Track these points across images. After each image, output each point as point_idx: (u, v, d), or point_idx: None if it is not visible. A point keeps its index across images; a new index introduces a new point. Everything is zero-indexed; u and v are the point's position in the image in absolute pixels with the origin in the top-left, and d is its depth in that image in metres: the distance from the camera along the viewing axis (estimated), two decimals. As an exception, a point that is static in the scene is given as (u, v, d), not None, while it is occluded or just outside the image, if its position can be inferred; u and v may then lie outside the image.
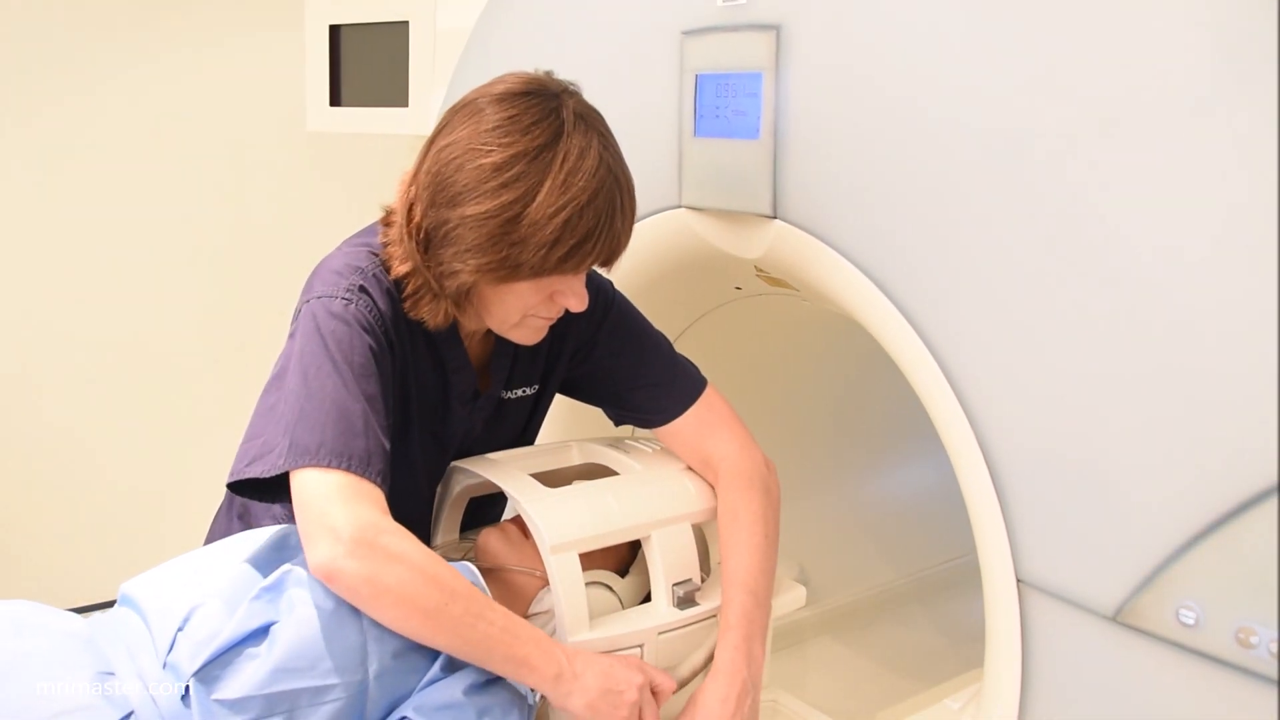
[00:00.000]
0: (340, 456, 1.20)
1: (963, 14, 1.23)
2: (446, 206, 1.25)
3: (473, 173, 1.23)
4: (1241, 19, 1.01)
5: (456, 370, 1.43)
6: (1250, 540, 1.01)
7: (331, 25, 2.32)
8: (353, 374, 1.24)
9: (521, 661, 1.20)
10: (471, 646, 1.19)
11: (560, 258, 1.25)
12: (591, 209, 1.24)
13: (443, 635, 1.19)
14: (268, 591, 1.21)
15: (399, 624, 1.18)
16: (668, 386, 1.52)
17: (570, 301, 1.33)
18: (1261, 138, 0.99)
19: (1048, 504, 1.19)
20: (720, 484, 1.47)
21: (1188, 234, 1.04)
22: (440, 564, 1.20)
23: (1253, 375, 1.00)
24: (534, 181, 1.22)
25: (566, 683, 1.22)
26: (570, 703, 1.22)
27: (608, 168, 1.27)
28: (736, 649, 1.35)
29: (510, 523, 1.49)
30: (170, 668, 1.16)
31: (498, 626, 1.20)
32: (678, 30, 1.57)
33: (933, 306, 1.29)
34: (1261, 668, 1.01)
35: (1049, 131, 1.15)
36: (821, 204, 1.41)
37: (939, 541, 2.33)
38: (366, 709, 1.19)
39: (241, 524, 1.52)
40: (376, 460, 1.22)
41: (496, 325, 1.36)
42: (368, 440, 1.22)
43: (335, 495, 1.18)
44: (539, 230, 1.23)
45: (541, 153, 1.23)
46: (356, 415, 1.22)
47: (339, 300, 1.28)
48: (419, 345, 1.39)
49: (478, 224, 1.23)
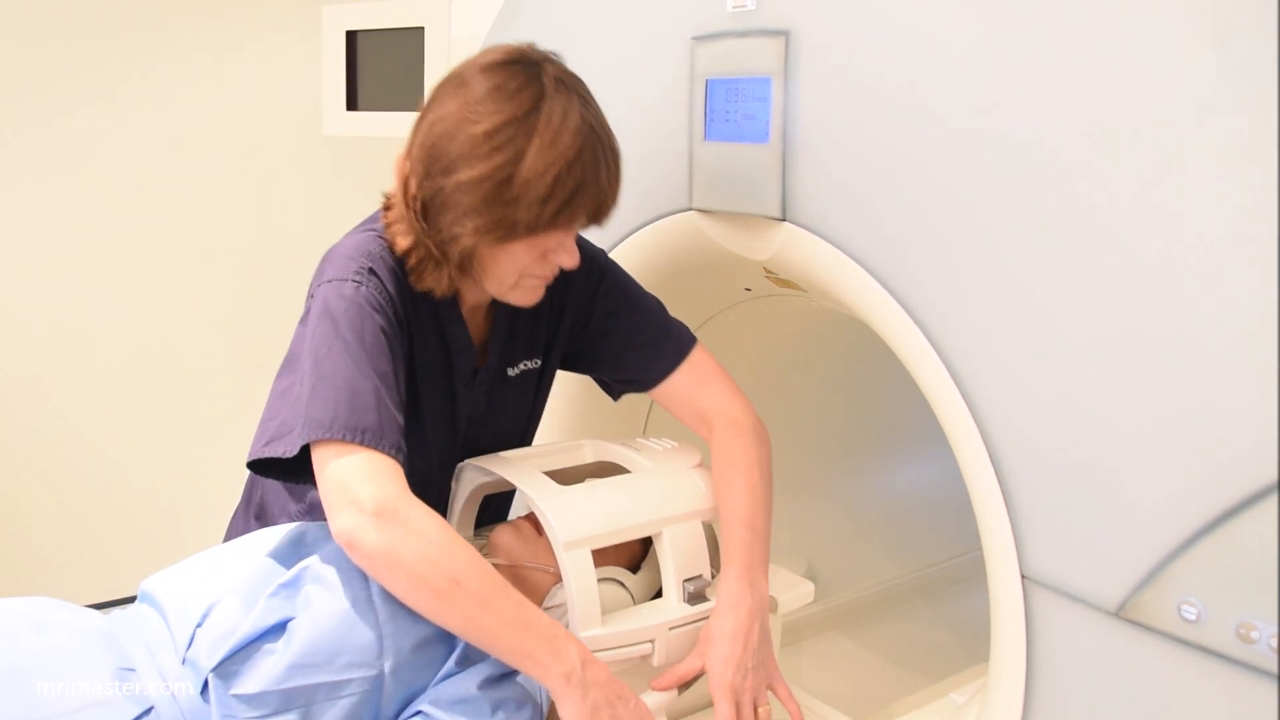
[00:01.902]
0: (355, 431, 1.23)
1: (969, 19, 1.23)
2: (442, 175, 1.30)
3: (465, 141, 1.28)
4: (1243, 22, 1.01)
5: (461, 351, 1.46)
6: (1251, 537, 1.01)
7: (348, 31, 2.33)
8: (364, 353, 1.28)
9: (527, 655, 1.21)
10: (479, 631, 1.21)
11: (553, 213, 1.29)
12: (578, 165, 1.29)
13: (451, 616, 1.20)
14: (285, 588, 1.23)
15: (410, 598, 1.21)
16: (661, 343, 1.56)
17: (563, 259, 1.37)
18: (1262, 140, 0.99)
19: (1052, 501, 1.18)
20: (715, 433, 1.51)
21: (1189, 235, 1.04)
22: (459, 545, 1.22)
23: (1254, 375, 1.00)
24: (522, 144, 1.27)
25: (571, 687, 1.21)
26: (564, 708, 1.22)
27: (590, 127, 1.31)
28: (739, 579, 1.39)
29: (523, 519, 1.50)
30: (189, 663, 1.18)
31: (508, 615, 1.21)
32: (688, 36, 1.57)
33: (938, 307, 1.29)
34: (1262, 662, 1.01)
35: (1055, 135, 1.15)
36: (830, 207, 1.41)
37: (945, 538, 2.32)
38: (382, 703, 1.20)
39: (259, 523, 1.55)
40: (391, 434, 1.25)
41: (495, 288, 1.40)
42: (380, 415, 1.25)
43: (357, 469, 1.22)
44: (531, 189, 1.27)
45: (528, 116, 1.28)
46: (368, 391, 1.25)
47: (349, 283, 1.32)
48: (425, 324, 1.43)
49: (473, 188, 1.28)
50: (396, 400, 1.28)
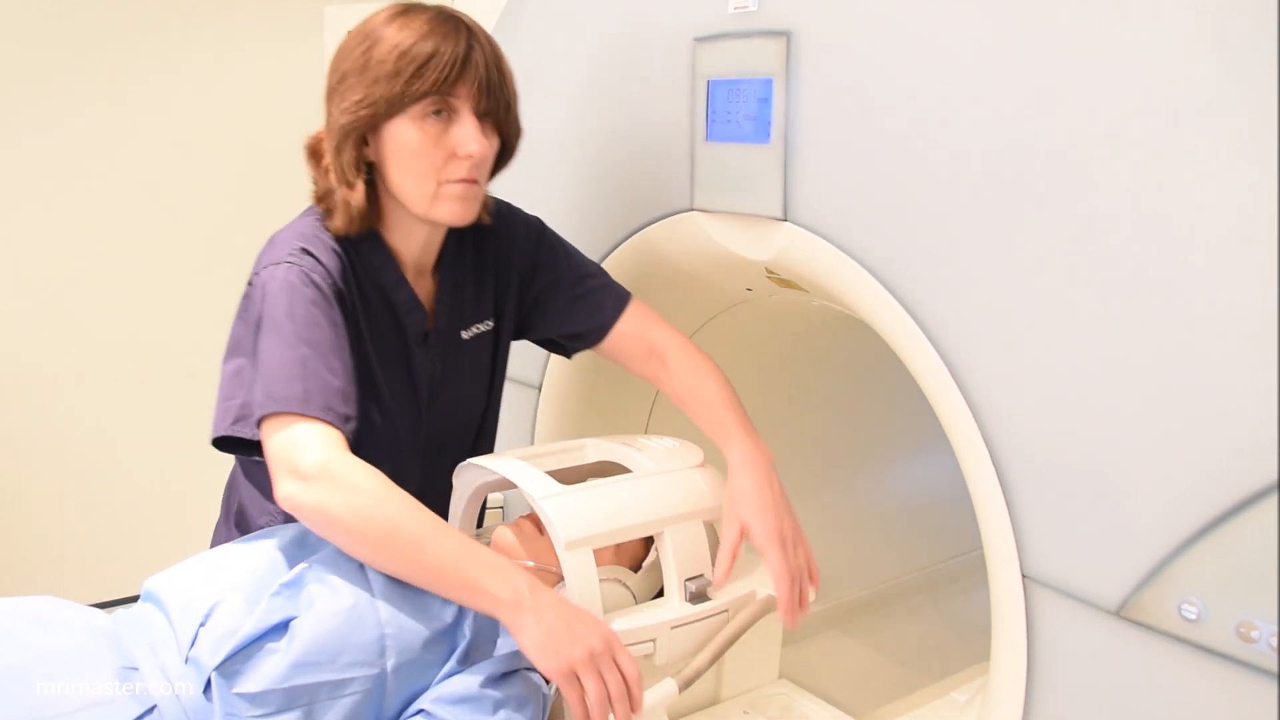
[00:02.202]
0: (283, 401, 1.28)
1: (969, 21, 1.24)
2: (333, 96, 1.41)
3: (337, 59, 1.42)
4: (1243, 25, 1.01)
5: (409, 310, 1.50)
6: (1251, 537, 1.01)
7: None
8: (293, 327, 1.32)
9: (474, 586, 1.21)
10: (425, 572, 1.23)
11: (411, 76, 1.35)
12: (432, 35, 1.37)
13: (394, 562, 1.24)
14: (287, 588, 1.23)
15: (354, 550, 1.25)
16: (604, 294, 1.63)
17: (468, 145, 1.39)
18: (1262, 142, 0.99)
19: (1052, 501, 1.19)
20: (671, 355, 1.59)
21: (1190, 236, 1.05)
22: (392, 493, 1.25)
23: (1254, 375, 1.00)
24: (383, 31, 1.38)
25: (524, 613, 1.21)
26: (521, 637, 1.21)
27: (445, 11, 1.41)
28: (745, 438, 1.46)
29: (525, 519, 1.50)
30: (192, 662, 1.18)
31: (451, 551, 1.23)
32: (690, 37, 1.57)
33: (939, 307, 1.29)
34: (1262, 661, 1.01)
35: (1055, 136, 1.15)
36: (831, 207, 1.41)
37: (946, 538, 2.32)
38: (384, 702, 1.20)
39: (239, 531, 1.55)
40: (319, 398, 1.29)
41: (418, 204, 1.43)
42: (306, 384, 1.29)
43: (289, 439, 1.27)
44: (385, 62, 1.36)
45: (396, 15, 1.40)
46: (293, 363, 1.30)
47: (281, 266, 1.37)
48: (370, 295, 1.47)
49: (346, 85, 1.39)
50: (333, 365, 1.33)
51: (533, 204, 1.92)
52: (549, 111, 1.87)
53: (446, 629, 1.24)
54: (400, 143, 1.39)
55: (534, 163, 1.91)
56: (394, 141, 1.39)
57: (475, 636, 1.26)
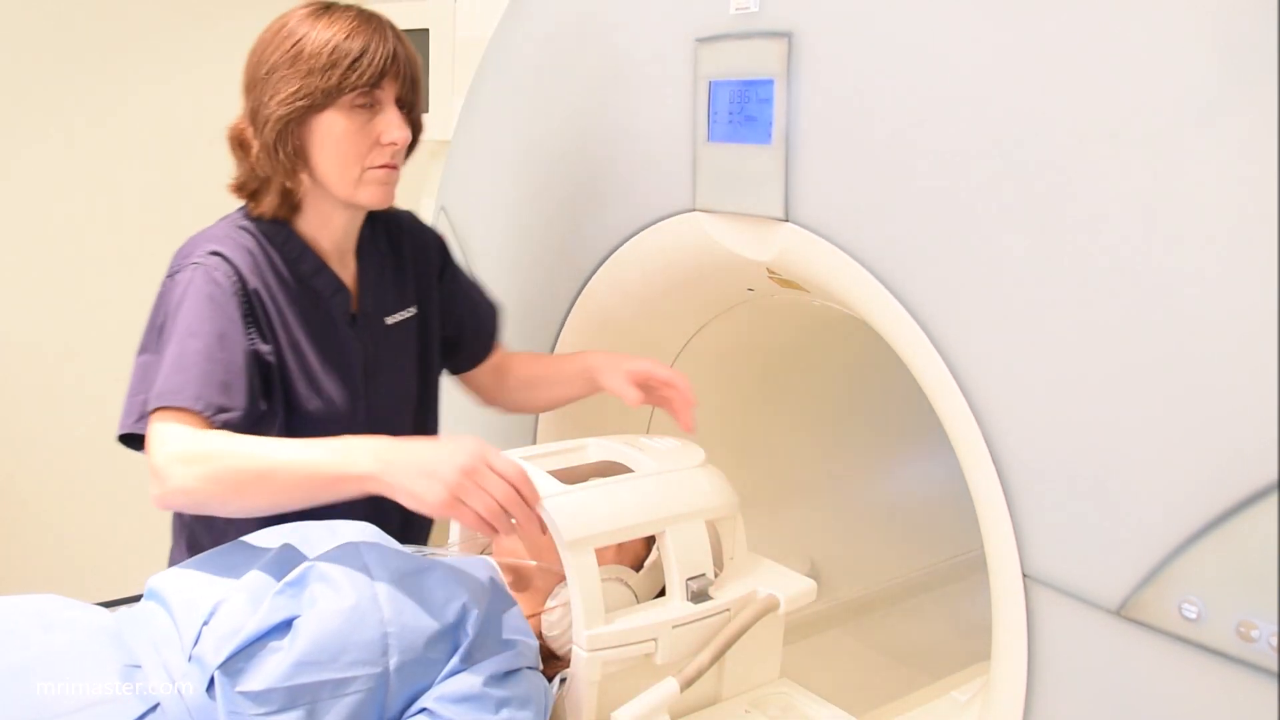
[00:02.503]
0: (163, 397, 1.35)
1: (970, 22, 1.24)
2: (251, 91, 1.50)
3: (260, 49, 1.49)
4: (1243, 24, 1.02)
5: (333, 293, 1.56)
6: (1251, 536, 1.01)
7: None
8: (188, 326, 1.40)
9: (337, 480, 1.26)
10: (288, 494, 1.28)
11: (343, 72, 1.45)
12: (360, 33, 1.46)
13: (260, 499, 1.29)
14: (290, 587, 1.23)
15: (229, 510, 1.33)
16: (489, 308, 1.81)
17: (392, 133, 1.49)
18: (1262, 142, 1.00)
19: (1053, 501, 1.19)
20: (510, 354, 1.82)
21: (1190, 237, 1.05)
22: (225, 443, 1.31)
23: (1254, 375, 1.00)
24: (309, 28, 1.46)
25: (391, 472, 1.24)
26: (398, 496, 1.25)
27: (366, 11, 1.50)
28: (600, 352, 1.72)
29: (528, 518, 1.52)
30: (195, 661, 1.18)
31: (298, 464, 1.28)
32: (691, 38, 1.58)
33: (940, 307, 1.29)
34: (1262, 661, 1.01)
35: (1056, 137, 1.15)
36: (832, 207, 1.42)
37: (947, 537, 2.32)
38: (387, 700, 1.21)
39: (191, 552, 1.58)
40: (195, 389, 1.36)
41: (342, 189, 1.50)
42: (186, 378, 1.36)
43: (152, 440, 1.34)
44: (319, 56, 1.44)
45: (318, 13, 1.48)
46: (182, 361, 1.38)
47: (185, 271, 1.46)
48: (293, 285, 1.53)
49: (271, 76, 1.46)
50: (220, 359, 1.39)
51: (535, 204, 1.94)
52: (551, 111, 1.88)
53: (449, 627, 1.24)
54: (328, 131, 1.47)
55: (537, 163, 1.93)
56: (322, 130, 1.47)
57: (478, 635, 1.26)
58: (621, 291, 1.82)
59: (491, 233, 2.07)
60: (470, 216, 2.13)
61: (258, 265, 1.49)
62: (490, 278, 2.07)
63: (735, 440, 2.08)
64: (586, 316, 1.88)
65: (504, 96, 2.01)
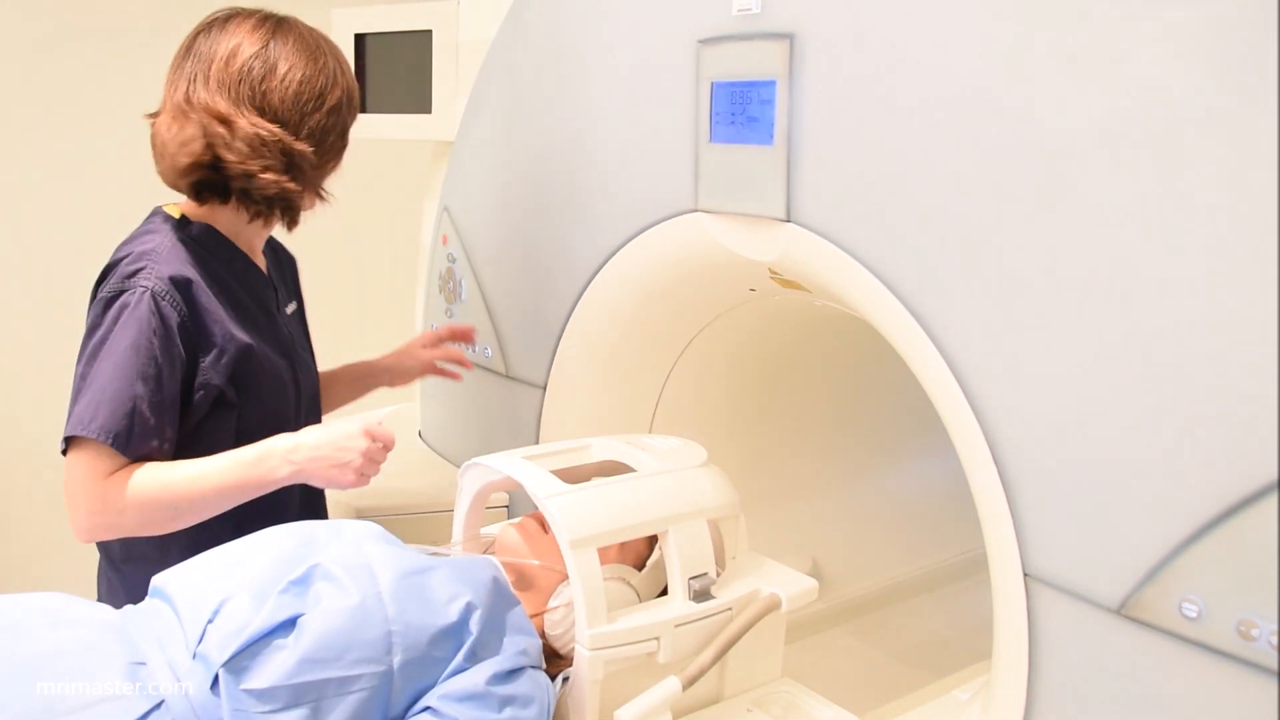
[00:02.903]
0: (90, 429, 1.42)
1: (972, 23, 1.24)
2: (292, 113, 1.54)
3: (304, 85, 1.56)
4: (1244, 26, 1.02)
5: (264, 288, 1.68)
6: (1251, 535, 1.01)
7: (357, 34, 2.34)
8: (133, 360, 1.44)
9: (258, 486, 1.47)
10: (216, 508, 1.47)
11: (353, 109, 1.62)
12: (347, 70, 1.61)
13: (192, 518, 1.47)
14: (295, 585, 1.24)
15: (163, 532, 1.47)
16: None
17: None
18: (1262, 141, 1.00)
19: (1054, 500, 1.19)
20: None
21: (1192, 236, 1.05)
22: (142, 482, 1.43)
23: (1254, 376, 1.01)
24: (332, 65, 1.58)
25: (306, 473, 1.47)
26: (315, 484, 1.50)
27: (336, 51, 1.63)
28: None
29: (529, 517, 1.52)
30: (200, 658, 1.19)
31: (221, 480, 1.45)
32: (694, 39, 1.58)
33: (940, 306, 1.30)
34: (1262, 659, 1.02)
35: (1058, 137, 1.16)
36: (833, 208, 1.42)
37: (949, 536, 2.33)
38: (391, 699, 1.21)
39: (118, 574, 1.63)
40: (94, 417, 1.42)
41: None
42: (114, 415, 1.42)
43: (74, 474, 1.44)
44: (351, 94, 1.62)
45: (314, 52, 1.57)
46: (116, 395, 1.43)
47: (137, 291, 1.47)
48: (230, 285, 1.59)
49: (330, 122, 1.58)
50: (152, 400, 1.45)
51: (537, 204, 1.94)
52: (554, 113, 1.89)
53: (453, 626, 1.25)
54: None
55: (539, 164, 1.93)
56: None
57: (481, 634, 1.27)
58: (624, 291, 1.83)
59: (494, 233, 2.08)
60: (473, 217, 2.14)
61: (203, 277, 1.54)
62: (493, 278, 2.08)
63: (736, 439, 2.08)
64: (589, 316, 1.88)
65: (506, 98, 2.02)
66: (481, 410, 2.17)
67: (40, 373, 2.97)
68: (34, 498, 3.14)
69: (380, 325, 2.34)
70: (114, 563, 1.62)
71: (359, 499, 2.02)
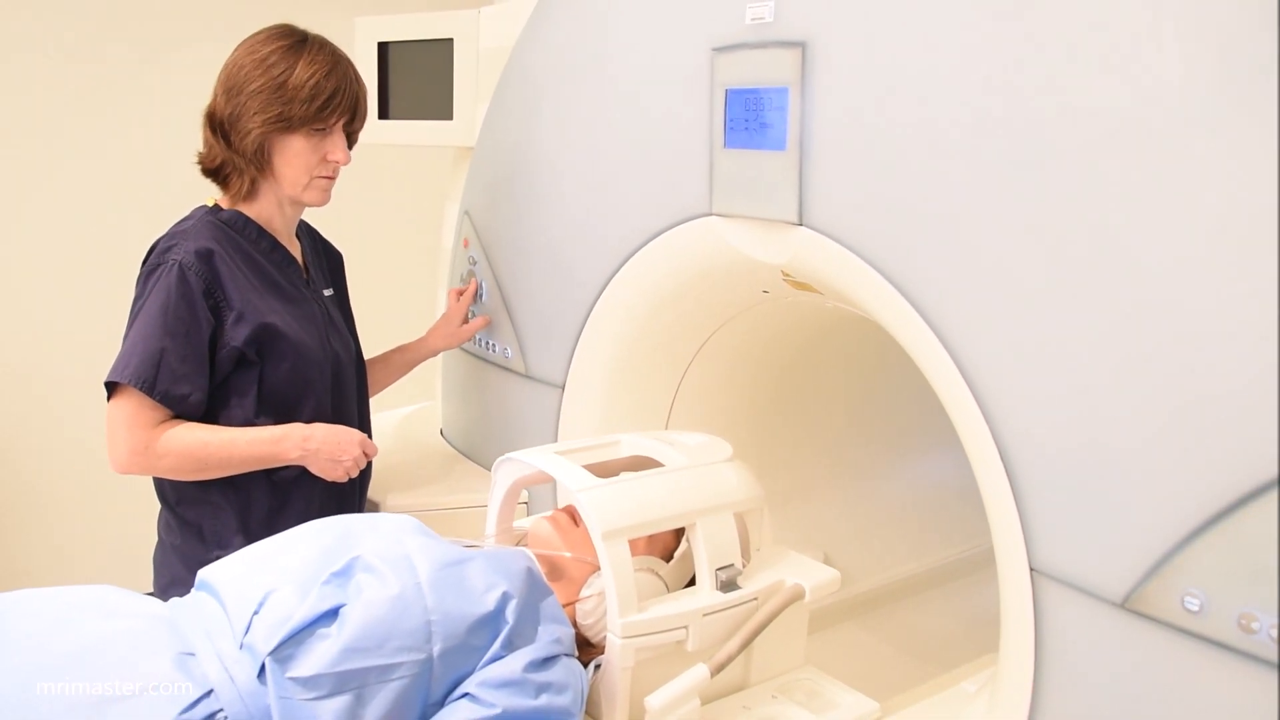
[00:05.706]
0: (130, 376, 1.65)
1: (981, 30, 1.25)
2: (236, 95, 1.76)
3: (251, 67, 1.76)
4: (1244, 31, 1.03)
5: (287, 265, 1.87)
6: (1252, 531, 1.03)
7: (380, 42, 2.35)
8: (163, 320, 1.67)
9: (271, 460, 1.74)
10: (238, 470, 1.73)
11: (319, 107, 1.77)
12: (334, 75, 1.79)
13: (215, 474, 1.73)
14: (337, 576, 1.27)
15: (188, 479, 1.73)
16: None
17: (338, 155, 1.83)
18: (1262, 146, 1.01)
19: (1059, 496, 1.20)
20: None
21: (1191, 238, 1.06)
22: (182, 439, 1.69)
23: (1255, 374, 1.02)
24: (293, 61, 1.76)
25: (310, 459, 1.76)
26: (312, 469, 1.77)
27: (337, 55, 1.82)
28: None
29: (561, 511, 1.54)
30: (247, 648, 1.21)
31: (244, 447, 1.71)
32: (708, 47, 1.59)
33: (949, 308, 1.31)
34: (1263, 652, 1.03)
35: (1065, 142, 1.16)
36: (845, 212, 1.43)
37: (956, 531, 2.32)
38: (431, 685, 1.24)
39: (177, 555, 1.81)
40: (157, 381, 1.66)
41: (291, 189, 1.83)
42: (147, 367, 1.66)
43: (118, 415, 1.69)
44: (301, 89, 1.75)
45: (295, 46, 1.78)
46: (153, 350, 1.66)
47: (165, 265, 1.71)
48: (258, 261, 1.82)
49: (257, 94, 1.75)
50: (184, 354, 1.68)
51: (555, 208, 1.95)
52: (572, 119, 1.90)
53: (490, 615, 1.27)
54: (290, 148, 1.79)
55: (557, 168, 1.94)
56: (286, 146, 1.79)
57: (517, 622, 1.29)
58: (640, 294, 1.84)
59: (513, 236, 2.09)
60: (493, 220, 2.15)
61: (227, 251, 1.76)
62: (511, 280, 2.09)
63: (750, 438, 2.08)
64: (606, 318, 1.89)
65: (526, 105, 2.02)
66: (501, 409, 2.17)
67: (75, 371, 2.99)
68: (67, 493, 3.17)
69: (404, 325, 2.36)
70: (169, 503, 1.85)
71: (386, 496, 2.06)
